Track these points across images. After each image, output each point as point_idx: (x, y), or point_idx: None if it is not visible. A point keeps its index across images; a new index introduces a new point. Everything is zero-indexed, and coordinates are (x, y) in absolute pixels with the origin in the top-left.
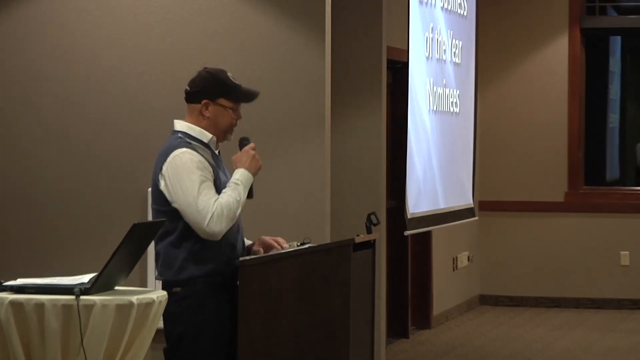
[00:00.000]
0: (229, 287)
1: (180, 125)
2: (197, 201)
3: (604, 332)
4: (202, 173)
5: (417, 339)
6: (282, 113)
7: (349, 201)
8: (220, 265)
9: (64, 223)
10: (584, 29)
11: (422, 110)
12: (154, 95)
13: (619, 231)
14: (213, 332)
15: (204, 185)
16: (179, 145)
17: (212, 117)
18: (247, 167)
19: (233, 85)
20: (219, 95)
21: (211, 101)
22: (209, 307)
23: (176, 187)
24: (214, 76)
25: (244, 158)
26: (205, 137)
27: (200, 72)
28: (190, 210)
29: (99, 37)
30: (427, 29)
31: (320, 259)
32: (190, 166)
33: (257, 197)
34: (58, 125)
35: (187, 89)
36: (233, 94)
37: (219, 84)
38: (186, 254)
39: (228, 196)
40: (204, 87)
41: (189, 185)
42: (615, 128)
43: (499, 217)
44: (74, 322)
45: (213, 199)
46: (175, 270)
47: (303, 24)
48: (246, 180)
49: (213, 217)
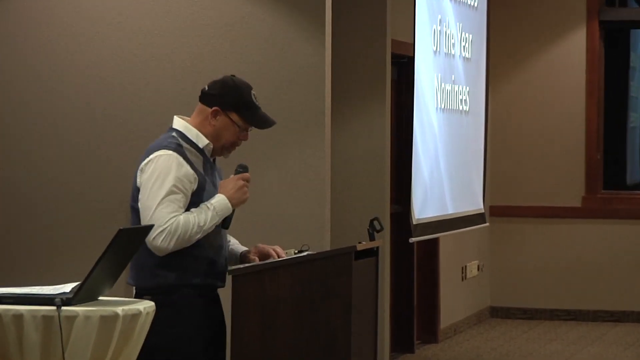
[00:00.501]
0: (206, 301)
1: (178, 124)
2: (155, 210)
3: (624, 347)
4: (176, 183)
5: (423, 353)
6: (279, 111)
7: (351, 206)
8: (197, 278)
9: (43, 229)
10: (603, 22)
11: (429, 108)
12: (149, 94)
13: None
14: (189, 346)
15: (171, 197)
16: (168, 146)
17: (217, 127)
18: (229, 196)
19: (252, 105)
20: (232, 109)
21: (222, 111)
22: (185, 320)
23: (145, 188)
24: (236, 87)
25: (230, 185)
26: (201, 142)
27: (226, 77)
28: (145, 215)
29: (92, 35)
30: (434, 21)
31: (320, 267)
32: (167, 172)
33: (251, 202)
34: (45, 125)
35: (204, 88)
36: (247, 113)
37: (237, 97)
38: (159, 260)
39: (192, 217)
40: (221, 94)
41: (157, 191)
42: (637, 128)
43: (511, 224)
44: (54, 335)
45: (172, 214)
46: (147, 277)
47: (302, 16)
48: (221, 209)
49: (163, 232)
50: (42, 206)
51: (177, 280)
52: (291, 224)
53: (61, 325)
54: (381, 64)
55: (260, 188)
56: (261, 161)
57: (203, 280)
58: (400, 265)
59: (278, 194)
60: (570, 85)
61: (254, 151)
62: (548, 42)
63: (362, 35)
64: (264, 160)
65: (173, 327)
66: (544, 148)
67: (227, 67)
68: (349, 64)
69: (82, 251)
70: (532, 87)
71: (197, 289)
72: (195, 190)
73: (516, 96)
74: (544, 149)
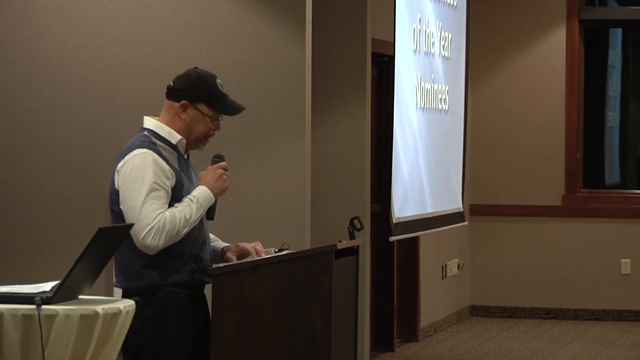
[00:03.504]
0: (193, 298)
1: (149, 123)
2: (141, 209)
3: (604, 346)
4: (156, 180)
5: (403, 352)
6: (259, 110)
7: (331, 204)
8: (182, 276)
9: (23, 228)
10: (582, 21)
11: (409, 107)
12: (123, 91)
13: (620, 238)
14: (176, 346)
15: (154, 194)
16: (141, 145)
17: (187, 121)
18: (210, 187)
19: (219, 94)
20: (200, 100)
21: (190, 104)
22: (171, 319)
23: (126, 189)
24: (201, 79)
25: (210, 176)
26: (173, 138)
27: (189, 71)
28: (131, 216)
29: (71, 34)
30: (414, 20)
31: (300, 266)
32: (145, 170)
33: (231, 200)
34: (22, 125)
35: (170, 84)
36: (216, 103)
37: (204, 88)
38: (144, 260)
39: (177, 212)
40: (187, 87)
41: (138, 190)
42: (615, 127)
43: (491, 222)
44: (34, 334)
45: (158, 211)
46: (132, 277)
47: (282, 15)
48: (204, 200)
49: (152, 230)
50: (21, 205)
51: (164, 279)
52: (271, 223)
53: (41, 324)
54: (361, 63)
55: (241, 187)
56: (242, 160)
57: (190, 277)
58: (381, 264)
59: (259, 192)
60: (550, 85)
61: (235, 150)
62: (528, 41)
63: (342, 34)
64: (244, 159)
65: (160, 326)
66: (523, 147)
67: (207, 67)
68: (329, 63)
69: (62, 250)
70: (512, 86)
71: (185, 287)
72: (174, 186)
73: (496, 95)
74: (523, 148)
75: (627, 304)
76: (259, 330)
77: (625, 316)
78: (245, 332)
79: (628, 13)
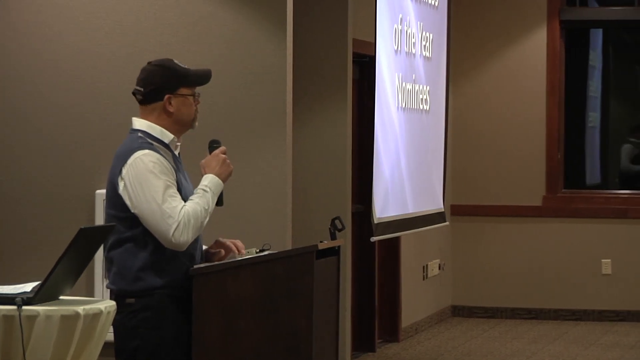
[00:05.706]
0: (187, 300)
1: (139, 124)
2: (162, 209)
3: (585, 346)
4: (166, 178)
5: (384, 352)
6: (240, 110)
7: (312, 205)
8: (178, 277)
9: (3, 228)
10: (563, 21)
11: (390, 107)
12: (112, 92)
13: (600, 238)
14: (172, 348)
15: (170, 191)
16: (141, 147)
17: (176, 111)
18: (217, 173)
19: (185, 70)
20: (178, 86)
21: (172, 94)
22: (168, 321)
23: (138, 192)
24: (166, 68)
25: (214, 163)
26: (166, 138)
27: (148, 69)
28: (154, 218)
29: (53, 34)
30: (395, 20)
31: (281, 267)
32: (153, 170)
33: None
34: (5, 122)
35: (139, 89)
36: (188, 79)
37: (174, 75)
38: (142, 263)
39: (195, 204)
40: (162, 82)
41: (153, 191)
42: (596, 128)
43: (472, 223)
44: (15, 334)
45: (179, 206)
46: (130, 280)
47: (263, 15)
48: (215, 187)
49: (179, 226)
50: (1, 205)
51: (161, 281)
52: (253, 223)
53: (22, 324)
54: (342, 63)
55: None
56: None
57: (185, 277)
58: (362, 264)
59: (240, 193)
60: (531, 85)
61: None
62: (509, 41)
63: (323, 35)
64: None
65: (156, 329)
66: (504, 147)
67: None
68: (310, 64)
69: (43, 250)
70: (493, 87)
71: (181, 288)
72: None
73: (477, 95)
74: (504, 148)
75: (608, 304)
76: (240, 330)
77: (606, 316)
78: (226, 332)
79: (609, 13)
